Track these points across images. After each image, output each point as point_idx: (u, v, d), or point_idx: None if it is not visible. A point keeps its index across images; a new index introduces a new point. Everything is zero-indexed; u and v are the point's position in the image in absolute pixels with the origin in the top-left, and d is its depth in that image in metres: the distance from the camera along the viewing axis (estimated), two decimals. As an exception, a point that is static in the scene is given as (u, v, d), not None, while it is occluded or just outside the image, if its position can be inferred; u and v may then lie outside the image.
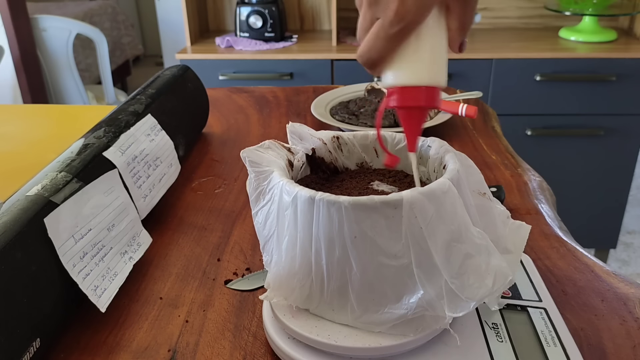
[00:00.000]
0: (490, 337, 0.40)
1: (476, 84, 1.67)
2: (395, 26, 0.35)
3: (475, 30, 1.92)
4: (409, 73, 0.37)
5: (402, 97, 0.37)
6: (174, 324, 0.46)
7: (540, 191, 0.67)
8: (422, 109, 0.38)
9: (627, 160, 1.75)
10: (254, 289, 0.50)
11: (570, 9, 1.73)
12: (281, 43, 1.79)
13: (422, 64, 0.37)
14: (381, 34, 0.36)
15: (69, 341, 0.45)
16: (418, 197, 0.34)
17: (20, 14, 2.17)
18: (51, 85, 2.37)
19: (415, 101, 0.37)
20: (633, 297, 0.47)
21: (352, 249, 0.35)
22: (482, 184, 0.43)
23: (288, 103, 1.03)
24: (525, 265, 0.49)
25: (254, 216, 0.41)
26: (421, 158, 0.45)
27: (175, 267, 0.54)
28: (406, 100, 0.37)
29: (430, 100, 0.37)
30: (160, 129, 0.66)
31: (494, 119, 0.93)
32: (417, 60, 0.37)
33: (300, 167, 0.45)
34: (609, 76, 1.62)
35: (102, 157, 0.55)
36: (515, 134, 1.70)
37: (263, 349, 0.43)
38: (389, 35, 0.36)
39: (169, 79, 0.77)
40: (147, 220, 0.59)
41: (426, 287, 0.35)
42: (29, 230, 0.42)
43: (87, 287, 0.44)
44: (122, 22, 3.24)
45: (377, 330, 0.38)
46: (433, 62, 0.37)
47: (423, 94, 0.37)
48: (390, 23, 0.35)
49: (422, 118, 0.39)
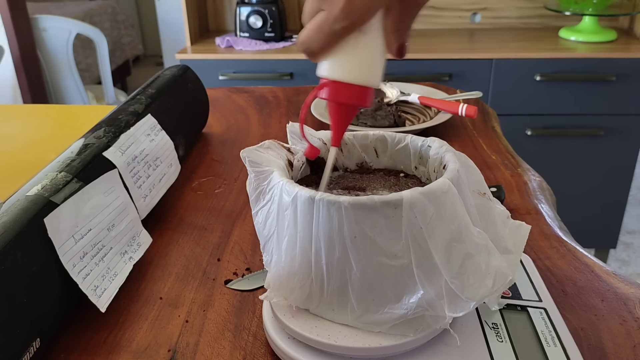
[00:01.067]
0: (490, 337, 0.40)
1: (476, 84, 1.67)
2: (340, 23, 0.35)
3: (475, 30, 1.92)
4: (345, 69, 0.37)
5: (334, 91, 0.38)
6: (174, 324, 0.46)
7: (540, 191, 0.67)
8: (352, 107, 0.39)
9: (627, 160, 1.75)
10: (254, 289, 0.50)
11: (570, 9, 1.73)
12: (281, 43, 1.79)
13: (359, 62, 0.37)
14: (324, 27, 0.36)
15: (69, 341, 0.45)
16: (418, 197, 0.34)
17: (20, 14, 2.17)
18: (51, 85, 2.37)
19: (347, 98, 0.38)
20: (633, 297, 0.47)
21: (352, 249, 0.35)
22: (482, 184, 0.43)
23: (288, 103, 1.03)
24: (525, 265, 0.49)
25: (254, 216, 0.41)
26: (421, 158, 0.45)
27: (175, 267, 0.54)
28: (337, 96, 0.38)
29: (362, 99, 0.38)
30: (160, 129, 0.66)
31: (494, 119, 0.93)
32: (355, 58, 0.37)
33: (300, 167, 0.45)
34: (609, 76, 1.62)
35: (102, 157, 0.55)
36: (515, 134, 1.70)
37: (263, 349, 0.43)
38: (331, 30, 0.36)
39: (169, 79, 0.77)
40: (147, 220, 0.59)
41: (426, 287, 0.35)
42: (29, 230, 0.42)
43: (87, 287, 0.44)
44: (122, 22, 3.24)
45: (377, 330, 0.38)
46: (370, 62, 0.37)
47: (355, 92, 0.38)
48: (334, 19, 0.35)
49: (352, 114, 0.39)
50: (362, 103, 0.38)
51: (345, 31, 0.36)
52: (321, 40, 0.36)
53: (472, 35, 1.86)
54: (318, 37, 0.36)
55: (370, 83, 0.38)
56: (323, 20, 0.36)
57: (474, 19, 1.94)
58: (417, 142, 0.45)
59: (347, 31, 0.36)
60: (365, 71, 0.38)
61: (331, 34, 0.36)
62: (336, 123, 0.39)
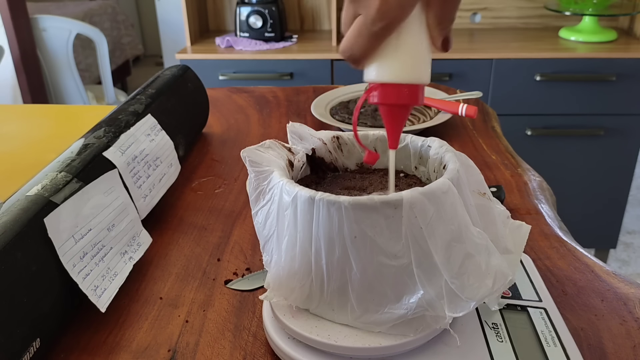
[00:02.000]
0: (490, 337, 0.40)
1: (476, 84, 1.67)
2: (377, 24, 0.35)
3: (475, 30, 1.92)
4: (391, 70, 0.37)
5: (383, 93, 0.37)
6: (174, 324, 0.46)
7: (540, 191, 0.67)
8: (404, 107, 0.38)
9: (627, 160, 1.74)
10: (254, 289, 0.50)
11: (570, 9, 1.73)
12: (281, 43, 1.79)
13: (404, 61, 0.37)
14: (363, 31, 0.36)
15: (69, 341, 0.45)
16: (418, 197, 0.34)
17: (20, 14, 2.17)
18: (51, 85, 2.37)
19: (397, 99, 0.37)
20: (633, 297, 0.47)
21: (352, 249, 0.35)
22: (482, 184, 0.43)
23: (288, 103, 1.03)
24: (525, 265, 0.49)
25: (254, 216, 0.41)
26: (421, 158, 0.45)
27: (175, 267, 0.54)
28: (388, 98, 0.37)
29: (413, 98, 0.37)
30: (160, 129, 0.66)
31: (494, 119, 0.93)
32: (399, 57, 0.37)
33: (301, 167, 0.45)
34: (609, 76, 1.62)
35: (102, 157, 0.55)
36: (515, 134, 1.70)
37: (263, 349, 0.43)
38: (371, 33, 0.35)
39: (169, 79, 0.77)
40: (147, 220, 0.59)
41: (426, 287, 0.35)
42: (29, 230, 0.42)
43: (87, 287, 0.44)
44: (122, 22, 3.24)
45: (377, 330, 0.38)
46: (415, 59, 0.37)
47: (405, 91, 0.37)
48: (372, 21, 0.35)
49: (404, 115, 0.39)
50: (413, 102, 0.37)
51: (385, 31, 0.35)
52: (363, 44, 0.36)
53: (472, 35, 1.86)
54: (359, 42, 0.36)
55: (419, 80, 0.37)
56: (361, 24, 0.35)
57: (474, 19, 1.94)
58: (417, 142, 0.45)
59: (386, 31, 0.35)
60: (411, 69, 0.37)
61: (372, 37, 0.35)
62: (390, 125, 0.39)
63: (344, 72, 1.69)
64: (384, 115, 0.38)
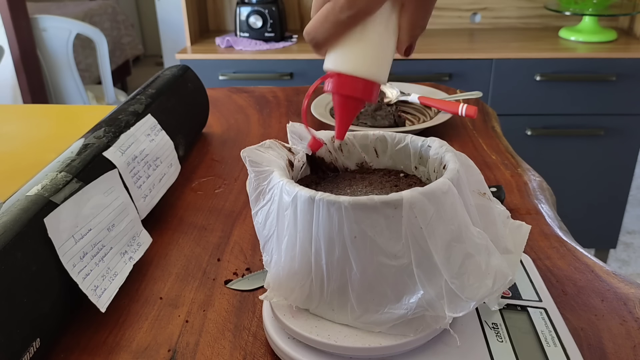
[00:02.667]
0: (490, 337, 0.40)
1: (476, 84, 1.67)
2: (345, 12, 0.34)
3: (475, 30, 1.92)
4: (350, 62, 0.36)
5: (339, 83, 0.37)
6: (174, 324, 0.46)
7: (540, 191, 0.67)
8: (356, 100, 0.38)
9: (627, 160, 1.74)
10: (254, 289, 0.50)
11: (570, 9, 1.73)
12: (281, 43, 1.79)
13: (365, 55, 0.36)
14: (330, 17, 0.35)
15: (69, 341, 0.45)
16: (418, 197, 0.34)
17: (20, 14, 2.17)
18: (51, 85, 2.37)
19: (351, 91, 0.37)
20: (633, 297, 0.47)
21: (352, 249, 0.35)
22: (482, 184, 0.43)
23: (288, 103, 1.03)
24: (525, 265, 0.49)
25: (254, 216, 0.41)
26: (421, 158, 0.45)
27: (175, 267, 0.54)
28: (342, 88, 0.37)
29: (367, 93, 0.37)
30: (160, 129, 0.66)
31: (494, 119, 0.93)
32: (361, 51, 0.36)
33: (301, 167, 0.45)
34: (609, 76, 1.62)
35: (102, 157, 0.55)
36: (515, 134, 1.70)
37: (263, 349, 0.43)
38: (337, 20, 0.35)
39: (169, 79, 0.77)
40: (147, 220, 0.59)
41: (426, 287, 0.35)
42: (29, 230, 0.42)
43: (87, 287, 0.44)
44: (122, 22, 3.24)
45: (377, 330, 0.38)
46: (376, 56, 0.37)
47: (360, 85, 0.37)
48: (340, 8, 0.34)
49: (357, 108, 0.38)
50: (366, 97, 0.37)
51: (351, 20, 0.35)
52: (327, 30, 0.36)
53: (472, 35, 1.86)
54: (324, 27, 0.36)
55: (376, 77, 0.37)
56: (329, 10, 0.35)
57: (474, 19, 1.94)
58: (417, 142, 0.45)
59: (352, 21, 0.35)
60: (371, 65, 0.37)
61: (337, 24, 0.35)
62: (341, 116, 0.39)
63: (344, 72, 1.69)
64: (336, 105, 0.38)
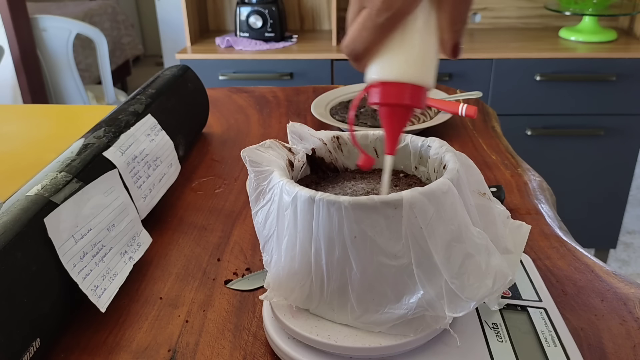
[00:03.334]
0: (490, 337, 0.40)
1: (476, 84, 1.67)
2: (382, 15, 0.33)
3: (475, 30, 1.92)
4: (395, 68, 0.34)
5: (384, 93, 0.35)
6: (174, 324, 0.46)
7: (540, 191, 0.67)
8: (404, 108, 0.35)
9: (627, 160, 1.74)
10: (254, 289, 0.50)
11: (570, 9, 1.73)
12: (281, 43, 1.79)
13: (408, 60, 0.34)
14: (367, 24, 0.34)
15: (69, 341, 0.45)
16: (418, 197, 0.34)
17: (20, 14, 2.17)
18: (51, 85, 2.37)
19: (399, 99, 0.35)
20: (633, 297, 0.47)
21: (352, 249, 0.35)
22: (482, 184, 0.43)
23: (288, 103, 1.03)
24: (525, 265, 0.49)
25: (254, 216, 0.41)
26: (421, 158, 0.45)
27: (175, 267, 0.54)
28: (389, 97, 0.35)
29: (415, 99, 0.35)
30: (160, 129, 0.66)
31: (494, 119, 0.93)
32: (404, 55, 0.34)
33: (301, 167, 0.45)
34: (609, 76, 1.62)
35: (102, 157, 0.55)
36: (515, 134, 1.70)
37: (263, 349, 0.43)
38: (375, 25, 0.33)
39: (169, 79, 0.77)
40: (147, 220, 0.59)
41: (426, 287, 0.35)
42: (29, 230, 0.42)
43: (87, 287, 0.44)
44: (122, 22, 3.24)
45: (377, 330, 0.38)
46: (420, 59, 0.35)
47: (408, 91, 0.35)
48: (377, 12, 0.33)
49: (405, 118, 0.36)
50: (415, 103, 0.35)
51: (389, 23, 0.33)
52: (365, 37, 0.34)
53: (472, 35, 1.86)
54: (361, 35, 0.34)
55: (422, 81, 0.35)
56: (366, 16, 0.34)
57: (474, 19, 1.94)
58: (417, 142, 0.45)
59: (392, 22, 0.33)
60: (416, 69, 0.34)
61: (375, 29, 0.34)
62: (390, 128, 0.36)
63: (344, 72, 1.69)
64: (383, 117, 0.36)
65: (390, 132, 0.36)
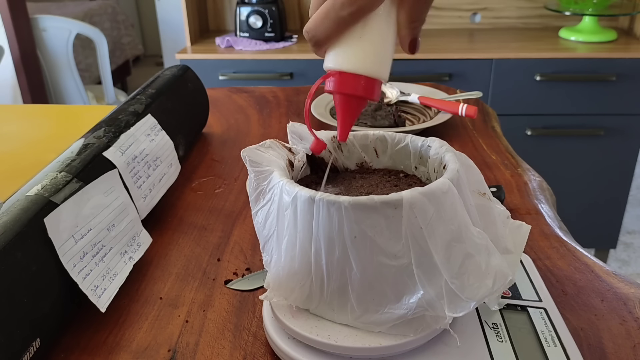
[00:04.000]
0: (490, 337, 0.40)
1: (476, 84, 1.67)
2: (346, 9, 0.34)
3: (475, 30, 1.92)
4: (352, 60, 0.36)
5: (340, 82, 0.37)
6: (174, 324, 0.46)
7: (540, 191, 0.67)
8: (359, 99, 0.37)
9: (627, 160, 1.74)
10: (254, 289, 0.50)
11: (570, 9, 1.73)
12: (281, 43, 1.79)
13: (366, 53, 0.36)
14: (330, 14, 0.35)
15: (69, 341, 0.45)
16: (418, 197, 0.34)
17: (20, 14, 2.17)
18: (51, 85, 2.37)
19: (353, 89, 0.36)
20: (633, 297, 0.47)
21: (352, 249, 0.35)
22: (482, 184, 0.43)
23: (288, 103, 1.03)
24: (525, 265, 0.49)
25: (254, 216, 0.41)
26: (421, 158, 0.45)
27: (175, 267, 0.54)
28: (344, 87, 0.37)
29: (369, 91, 0.37)
30: (160, 129, 0.66)
31: (494, 119, 0.93)
32: (362, 48, 0.36)
33: (301, 167, 0.45)
34: (609, 76, 1.62)
35: (102, 157, 0.55)
36: (515, 134, 1.70)
37: (263, 349, 0.43)
38: (337, 17, 0.35)
39: (169, 79, 0.77)
40: (147, 220, 0.59)
41: (426, 287, 0.35)
42: (29, 230, 0.42)
43: (87, 287, 0.44)
44: (122, 22, 3.24)
45: (377, 330, 0.38)
46: (378, 53, 0.36)
47: (362, 83, 0.36)
48: (341, 5, 0.34)
49: (359, 108, 0.38)
50: (369, 95, 0.37)
51: (352, 18, 0.35)
52: (327, 27, 0.35)
53: (472, 35, 1.86)
54: (324, 24, 0.35)
55: (378, 74, 0.37)
56: (330, 7, 0.35)
57: (474, 19, 1.94)
58: (417, 142, 0.45)
59: (354, 17, 0.35)
60: (372, 62, 0.36)
61: (338, 21, 0.35)
62: (343, 115, 0.38)
63: (344, 72, 1.69)
64: (338, 104, 0.38)
65: (343, 119, 0.38)
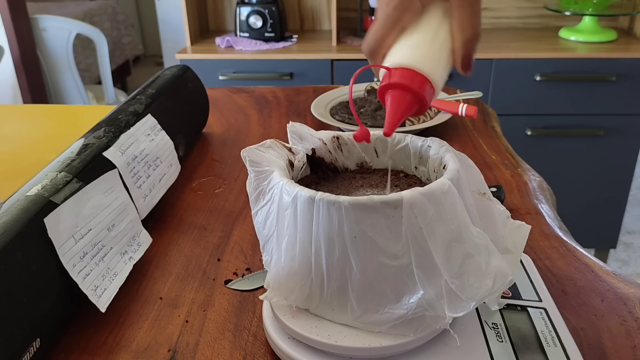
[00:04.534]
0: (490, 337, 0.40)
1: (476, 84, 1.67)
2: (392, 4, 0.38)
3: (475, 30, 1.91)
4: (405, 55, 0.39)
5: (394, 75, 0.38)
6: (174, 324, 0.46)
7: (540, 191, 0.67)
8: (411, 93, 0.38)
9: (627, 160, 1.74)
10: (254, 289, 0.50)
11: (570, 9, 1.73)
12: (281, 43, 1.79)
13: (418, 50, 0.39)
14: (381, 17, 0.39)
15: (69, 341, 0.45)
16: (418, 197, 0.34)
17: (20, 14, 2.17)
18: (51, 85, 2.37)
19: (408, 81, 0.38)
20: (633, 297, 0.47)
21: (352, 249, 0.35)
22: (482, 184, 0.43)
23: (288, 103, 1.03)
24: (525, 265, 0.49)
25: (254, 216, 0.41)
26: (421, 158, 0.45)
27: (175, 267, 0.54)
28: (398, 77, 0.38)
29: (421, 87, 0.38)
30: (160, 129, 0.66)
31: (494, 119, 0.93)
32: (415, 45, 0.39)
33: (301, 167, 0.45)
34: (609, 76, 1.62)
35: (102, 157, 0.55)
36: (515, 134, 1.70)
37: (263, 349, 0.43)
38: (387, 15, 0.39)
39: (169, 79, 0.77)
40: (147, 220, 0.59)
41: (426, 287, 0.35)
42: (29, 230, 0.42)
43: (87, 287, 0.44)
44: (122, 22, 3.24)
45: (377, 330, 0.38)
46: (430, 54, 0.39)
47: (417, 78, 0.38)
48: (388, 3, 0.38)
49: (409, 104, 0.38)
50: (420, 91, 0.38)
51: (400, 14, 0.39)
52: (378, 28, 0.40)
53: (472, 35, 1.86)
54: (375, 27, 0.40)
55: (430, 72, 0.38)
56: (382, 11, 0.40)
57: (474, 19, 1.94)
58: (417, 142, 0.45)
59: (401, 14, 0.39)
60: (425, 59, 0.39)
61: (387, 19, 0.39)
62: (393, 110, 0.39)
63: (344, 72, 1.69)
64: (391, 99, 0.38)
65: (392, 113, 0.39)
